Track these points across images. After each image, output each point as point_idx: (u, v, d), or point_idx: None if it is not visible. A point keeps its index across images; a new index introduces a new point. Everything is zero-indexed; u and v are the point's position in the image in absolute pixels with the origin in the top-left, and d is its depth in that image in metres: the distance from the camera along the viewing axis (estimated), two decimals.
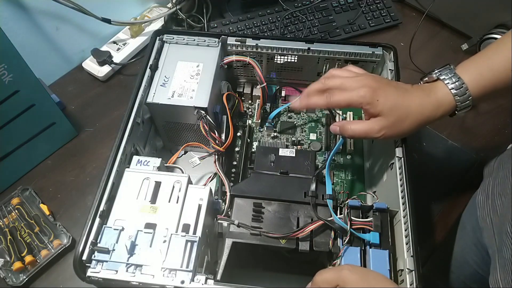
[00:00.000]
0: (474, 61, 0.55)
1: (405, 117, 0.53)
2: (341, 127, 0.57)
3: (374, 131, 0.54)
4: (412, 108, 0.53)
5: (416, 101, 0.53)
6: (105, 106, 0.84)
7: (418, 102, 0.53)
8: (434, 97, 0.54)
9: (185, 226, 0.53)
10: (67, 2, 0.76)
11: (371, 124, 0.54)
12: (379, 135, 0.54)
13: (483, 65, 0.54)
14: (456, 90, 0.53)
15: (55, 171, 0.76)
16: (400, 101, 0.53)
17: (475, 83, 0.53)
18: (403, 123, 0.53)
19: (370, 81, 0.54)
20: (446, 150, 0.78)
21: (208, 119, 0.63)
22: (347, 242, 0.53)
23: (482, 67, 0.54)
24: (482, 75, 0.53)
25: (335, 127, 0.58)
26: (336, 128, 0.58)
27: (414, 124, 0.54)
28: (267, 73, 0.77)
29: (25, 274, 0.64)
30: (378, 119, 0.53)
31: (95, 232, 0.52)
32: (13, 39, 0.62)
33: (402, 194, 0.56)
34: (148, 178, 0.57)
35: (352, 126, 0.55)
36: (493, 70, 0.53)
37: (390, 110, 0.53)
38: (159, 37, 0.71)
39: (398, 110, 0.53)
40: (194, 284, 0.49)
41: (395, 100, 0.53)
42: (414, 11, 1.00)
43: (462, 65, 0.55)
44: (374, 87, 0.53)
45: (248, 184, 0.60)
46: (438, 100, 0.54)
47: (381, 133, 0.53)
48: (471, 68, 0.54)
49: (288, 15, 0.94)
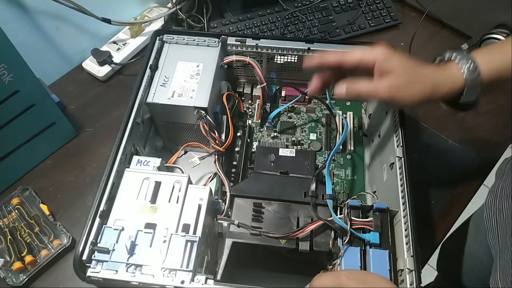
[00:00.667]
0: (488, 48, 0.55)
1: (416, 80, 0.52)
2: (348, 87, 0.53)
3: (383, 89, 0.52)
4: (425, 73, 0.52)
5: (429, 69, 0.53)
6: (105, 106, 0.84)
7: (431, 70, 0.53)
8: (446, 72, 0.53)
9: (185, 226, 0.53)
10: (67, 2, 0.76)
11: (380, 83, 0.52)
12: (386, 95, 0.52)
13: (495, 51, 0.54)
14: (467, 70, 0.51)
15: (55, 171, 0.76)
16: (413, 64, 0.52)
17: (486, 64, 0.52)
18: (413, 86, 0.51)
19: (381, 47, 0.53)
20: (446, 150, 0.78)
21: (208, 119, 0.63)
22: (347, 242, 0.53)
23: (493, 52, 0.54)
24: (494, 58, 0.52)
25: (341, 89, 0.53)
26: (341, 89, 0.53)
27: (423, 91, 0.52)
28: (267, 73, 0.77)
29: (25, 274, 0.64)
30: (389, 78, 0.51)
31: (95, 232, 0.52)
32: (13, 39, 0.62)
33: (402, 194, 0.56)
34: (148, 178, 0.57)
35: (360, 84, 0.53)
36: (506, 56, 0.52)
37: (404, 68, 0.51)
38: (159, 37, 0.71)
39: (411, 71, 0.52)
40: (194, 284, 0.49)
41: (409, 62, 0.52)
42: (414, 11, 1.00)
43: (476, 51, 0.54)
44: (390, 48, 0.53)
45: (248, 184, 0.60)
46: (449, 75, 0.52)
47: (389, 93, 0.51)
48: (483, 52, 0.53)
49: (288, 15, 0.94)
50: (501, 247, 0.59)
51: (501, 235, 0.61)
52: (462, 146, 0.79)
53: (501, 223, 0.61)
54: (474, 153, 0.78)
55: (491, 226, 0.63)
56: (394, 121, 0.63)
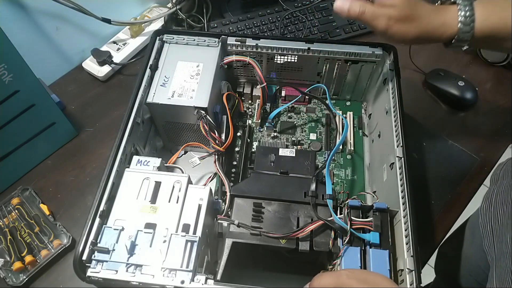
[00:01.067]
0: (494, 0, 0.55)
1: (414, 18, 0.54)
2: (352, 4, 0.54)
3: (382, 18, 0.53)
4: (424, 12, 0.54)
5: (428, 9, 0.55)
6: (105, 106, 0.84)
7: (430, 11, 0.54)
8: (443, 17, 0.54)
9: (185, 226, 0.53)
10: (67, 2, 0.76)
11: (381, 10, 0.54)
12: (383, 25, 0.54)
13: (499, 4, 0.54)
14: (463, 18, 0.53)
15: (55, 171, 0.76)
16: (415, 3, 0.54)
17: (484, 18, 0.53)
18: (411, 23, 0.54)
19: None
20: (446, 150, 0.78)
21: (208, 119, 0.63)
22: (347, 242, 0.53)
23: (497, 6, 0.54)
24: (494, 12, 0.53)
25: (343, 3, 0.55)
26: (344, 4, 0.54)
27: (419, 29, 0.54)
28: (267, 73, 0.77)
29: (25, 274, 0.64)
30: (390, 8, 0.53)
31: (95, 232, 0.52)
32: (13, 39, 0.62)
33: (402, 194, 0.56)
34: (148, 178, 0.57)
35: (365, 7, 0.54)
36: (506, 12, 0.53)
37: (405, 4, 0.53)
38: (159, 37, 0.71)
39: (412, 7, 0.54)
40: (194, 284, 0.49)
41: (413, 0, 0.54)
42: None
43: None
44: None
45: (248, 184, 0.60)
46: (444, 20, 0.54)
47: (386, 24, 0.53)
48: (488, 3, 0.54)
49: (288, 15, 0.94)
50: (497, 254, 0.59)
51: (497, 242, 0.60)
52: (462, 146, 0.79)
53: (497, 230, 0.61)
54: (474, 153, 0.78)
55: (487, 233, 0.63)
56: (394, 121, 0.63)
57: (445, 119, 0.83)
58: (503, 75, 0.88)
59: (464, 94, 0.83)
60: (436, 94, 0.86)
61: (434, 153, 0.78)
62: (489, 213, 0.63)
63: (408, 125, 0.62)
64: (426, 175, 0.75)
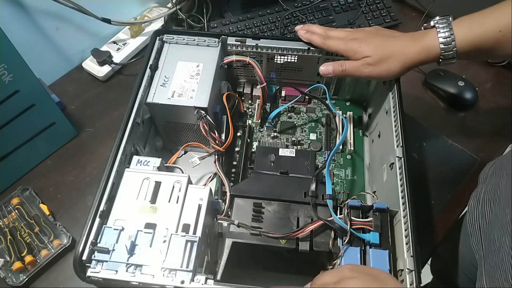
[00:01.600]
0: (470, 17, 0.59)
1: (388, 57, 0.60)
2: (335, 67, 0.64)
3: (362, 67, 0.61)
4: (396, 49, 0.60)
5: (401, 43, 0.60)
6: (105, 106, 0.84)
7: (403, 44, 0.60)
8: (421, 43, 0.59)
9: (185, 226, 0.53)
10: (67, 2, 0.76)
11: (359, 62, 0.61)
12: (366, 72, 0.61)
13: (476, 20, 0.58)
14: (443, 39, 0.57)
15: (55, 171, 0.76)
16: (383, 44, 0.60)
17: (463, 36, 0.57)
18: (387, 62, 0.60)
19: (360, 33, 0.63)
20: (446, 150, 0.78)
21: (208, 119, 0.63)
22: (347, 242, 0.53)
23: (474, 22, 0.58)
24: (472, 30, 0.57)
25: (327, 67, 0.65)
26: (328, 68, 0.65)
27: (398, 63, 0.60)
28: (267, 73, 0.77)
29: (25, 274, 0.64)
30: (365, 59, 0.61)
31: (95, 232, 0.52)
32: (13, 39, 0.62)
33: (402, 194, 0.56)
34: (148, 178, 0.57)
35: (345, 64, 0.63)
36: (483, 27, 0.56)
37: (374, 51, 0.60)
38: (159, 37, 0.71)
39: (384, 49, 0.60)
40: (194, 284, 0.49)
41: (379, 44, 0.60)
42: (414, 11, 1.00)
43: (459, 19, 0.59)
44: (360, 38, 0.62)
45: (248, 184, 0.60)
46: (424, 45, 0.59)
47: (367, 70, 0.61)
48: (464, 22, 0.58)
49: (288, 15, 0.94)
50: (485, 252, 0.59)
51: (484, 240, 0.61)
52: (462, 146, 0.79)
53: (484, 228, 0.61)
54: (474, 153, 0.78)
55: (475, 231, 0.64)
56: (394, 121, 0.63)
57: (445, 119, 0.83)
58: (503, 75, 0.88)
59: (464, 94, 0.83)
60: (436, 94, 0.86)
61: (434, 153, 0.78)
62: (476, 212, 0.64)
63: (408, 125, 0.62)
64: (426, 175, 0.75)
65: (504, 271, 0.52)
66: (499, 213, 0.57)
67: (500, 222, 0.56)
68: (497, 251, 0.55)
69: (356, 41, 0.62)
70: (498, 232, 0.56)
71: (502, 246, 0.54)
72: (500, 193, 0.60)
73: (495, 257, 0.55)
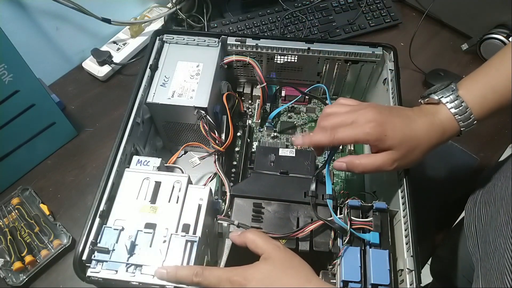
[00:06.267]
0: (476, 80, 0.54)
1: (415, 147, 0.52)
2: (348, 163, 0.53)
3: (387, 165, 0.52)
4: (420, 137, 0.52)
5: (423, 129, 0.52)
6: (105, 106, 0.84)
7: (426, 130, 0.53)
8: (439, 122, 0.53)
9: (185, 226, 0.53)
10: (67, 2, 0.76)
11: (383, 158, 0.52)
12: (392, 168, 0.52)
13: (486, 86, 0.53)
14: (460, 116, 0.52)
15: (55, 171, 0.76)
16: (407, 132, 0.52)
17: (479, 106, 0.52)
18: (413, 153, 0.53)
19: (372, 114, 0.52)
20: (446, 150, 0.78)
21: (208, 119, 0.63)
22: (347, 242, 0.53)
23: (485, 88, 0.53)
24: (486, 97, 0.52)
25: (341, 163, 0.54)
26: (342, 164, 0.54)
27: (424, 152, 0.53)
28: (267, 73, 0.77)
29: (25, 274, 0.64)
30: (389, 153, 0.52)
31: (95, 232, 0.52)
32: (13, 39, 0.62)
33: (402, 194, 0.56)
34: (148, 178, 0.57)
35: (362, 161, 0.53)
36: (497, 91, 0.52)
37: (400, 143, 0.51)
38: (159, 37, 0.71)
39: (408, 142, 0.52)
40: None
41: (403, 131, 0.52)
42: (414, 11, 1.00)
43: (465, 86, 0.53)
44: (379, 121, 0.51)
45: (248, 184, 0.60)
46: (443, 125, 0.53)
47: (394, 166, 0.52)
48: (474, 89, 0.53)
49: (288, 15, 0.94)
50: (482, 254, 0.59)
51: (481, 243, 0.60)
52: (462, 146, 0.79)
53: (480, 230, 0.61)
54: (474, 153, 0.78)
55: (471, 234, 0.63)
56: None
57: None
58: None
59: None
60: None
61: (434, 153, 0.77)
62: (473, 214, 0.64)
63: None
64: (426, 175, 0.75)
65: (500, 274, 0.52)
66: (494, 215, 0.57)
67: (495, 224, 0.56)
68: (492, 254, 0.55)
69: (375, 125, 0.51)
70: (494, 234, 0.55)
71: (498, 248, 0.54)
72: (495, 194, 0.59)
73: (491, 260, 0.54)
